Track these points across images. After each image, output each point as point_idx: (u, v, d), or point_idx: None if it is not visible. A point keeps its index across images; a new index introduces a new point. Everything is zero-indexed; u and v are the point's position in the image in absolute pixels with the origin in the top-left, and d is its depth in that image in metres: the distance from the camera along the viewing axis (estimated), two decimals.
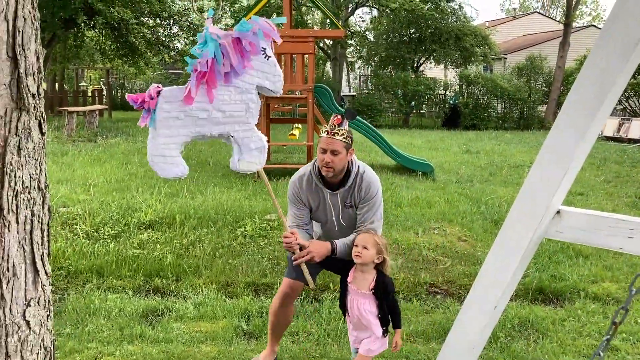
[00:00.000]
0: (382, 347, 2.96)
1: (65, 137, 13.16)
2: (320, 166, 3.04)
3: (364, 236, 2.89)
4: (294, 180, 3.20)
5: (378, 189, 3.16)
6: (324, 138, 3.00)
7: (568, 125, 1.53)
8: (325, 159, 2.98)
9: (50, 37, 17.59)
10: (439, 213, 6.88)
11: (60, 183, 7.70)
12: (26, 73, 1.26)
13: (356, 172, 3.13)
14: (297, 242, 3.00)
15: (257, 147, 2.51)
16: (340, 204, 3.15)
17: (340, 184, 3.12)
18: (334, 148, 2.98)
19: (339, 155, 2.99)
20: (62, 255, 5.14)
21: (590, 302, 4.59)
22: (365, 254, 2.83)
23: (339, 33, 11.05)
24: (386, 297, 2.88)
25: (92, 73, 33.82)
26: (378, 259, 2.87)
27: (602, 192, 8.67)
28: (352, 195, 3.13)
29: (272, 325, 3.45)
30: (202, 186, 7.89)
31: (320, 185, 3.13)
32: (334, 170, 3.02)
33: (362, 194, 3.11)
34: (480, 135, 17.19)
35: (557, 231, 1.64)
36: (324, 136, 3.00)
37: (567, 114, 1.54)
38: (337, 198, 3.14)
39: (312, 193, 3.16)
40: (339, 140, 2.98)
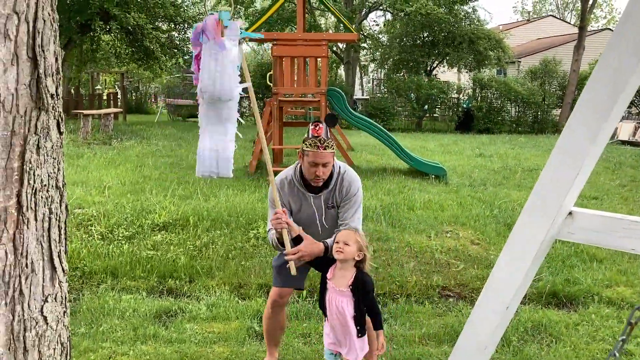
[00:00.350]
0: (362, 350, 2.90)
1: (81, 139, 13.30)
2: (311, 179, 3.02)
3: (346, 232, 2.87)
4: (275, 184, 3.10)
5: (358, 187, 3.15)
6: (314, 152, 2.93)
7: (580, 126, 1.53)
8: (318, 173, 2.96)
9: (66, 41, 17.80)
10: (451, 216, 6.86)
11: (76, 185, 7.79)
12: (45, 73, 1.29)
13: (337, 172, 3.12)
14: (286, 221, 2.90)
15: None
16: (323, 206, 3.13)
17: (323, 186, 3.10)
18: (325, 161, 2.96)
19: (328, 166, 3.00)
20: (77, 256, 5.20)
21: (605, 307, 4.56)
22: (347, 250, 2.80)
23: (352, 37, 11.07)
24: (364, 295, 2.82)
25: (107, 76, 34.16)
26: (359, 255, 2.83)
27: (616, 196, 8.59)
28: (334, 195, 3.12)
29: (267, 333, 3.47)
30: (216, 188, 7.94)
31: (303, 189, 3.11)
32: (323, 180, 3.03)
33: (343, 193, 3.11)
34: (494, 139, 17.11)
35: (569, 232, 1.64)
36: (313, 150, 2.93)
37: (579, 115, 1.54)
38: (320, 200, 3.12)
39: (293, 196, 3.13)
40: (328, 152, 2.97)
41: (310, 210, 3.14)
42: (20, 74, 1.23)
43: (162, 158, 10.90)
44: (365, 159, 11.67)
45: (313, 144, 2.94)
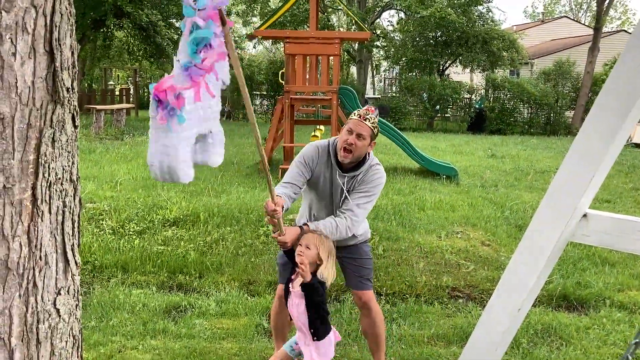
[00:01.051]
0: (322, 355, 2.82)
1: (93, 134, 13.39)
2: (341, 147, 2.98)
3: (308, 236, 2.82)
4: (314, 145, 3.13)
5: (381, 184, 3.11)
6: (353, 120, 2.97)
7: (597, 127, 1.52)
8: (350, 140, 2.93)
9: (80, 37, 17.92)
10: (462, 217, 6.83)
11: (88, 179, 7.84)
12: (62, 67, 1.29)
13: (370, 162, 3.10)
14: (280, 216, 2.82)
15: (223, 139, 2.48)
16: (343, 186, 3.08)
17: (352, 168, 3.07)
18: (361, 132, 2.93)
19: (363, 140, 2.95)
20: (88, 250, 5.23)
21: (616, 311, 4.52)
22: (307, 253, 2.74)
23: (365, 35, 11.05)
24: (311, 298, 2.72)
25: (120, 72, 34.33)
26: (320, 260, 2.76)
27: (630, 199, 8.52)
28: (355, 182, 3.07)
29: (275, 328, 3.49)
30: (227, 185, 7.96)
31: (333, 161, 3.08)
32: (352, 155, 2.98)
33: (365, 180, 3.07)
34: (506, 140, 17.02)
35: (583, 235, 1.63)
36: (354, 118, 2.97)
37: (596, 116, 1.53)
38: (344, 179, 3.07)
39: (323, 165, 3.10)
40: (368, 125, 2.96)
41: (328, 183, 3.10)
42: (37, 67, 1.24)
43: None
44: (376, 156, 11.63)
45: (357, 113, 3.00)
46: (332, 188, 3.10)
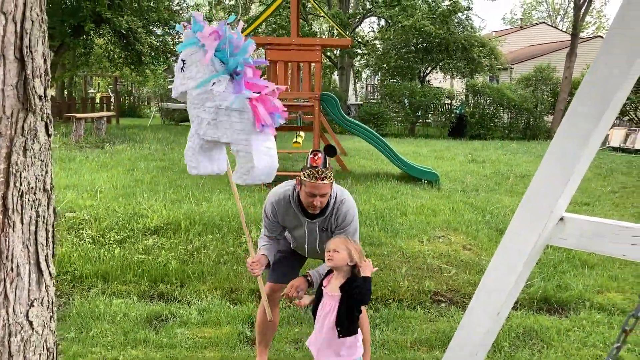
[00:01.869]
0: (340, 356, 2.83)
1: (73, 143, 13.24)
2: (308, 206, 3.02)
3: (335, 240, 2.85)
4: (272, 201, 3.15)
5: (355, 215, 3.16)
6: (312, 184, 2.91)
7: (572, 131, 1.54)
8: (315, 203, 2.96)
9: (59, 44, 17.74)
10: (444, 221, 6.86)
11: (67, 188, 7.74)
12: (33, 75, 1.27)
13: (334, 199, 3.10)
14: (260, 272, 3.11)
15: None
16: (317, 230, 3.15)
17: (319, 213, 3.09)
18: (323, 192, 2.95)
19: (326, 196, 2.99)
20: (68, 260, 5.16)
21: (596, 312, 4.56)
22: (337, 257, 2.78)
23: (346, 42, 11.09)
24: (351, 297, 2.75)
25: (100, 80, 34.06)
26: (351, 261, 2.80)
27: (608, 202, 8.63)
28: (329, 221, 3.12)
29: (259, 331, 3.47)
30: (208, 193, 7.91)
31: (299, 212, 3.11)
32: (320, 208, 3.03)
33: (339, 221, 3.10)
34: (486, 145, 17.17)
35: (560, 238, 1.64)
36: (311, 182, 2.91)
37: (570, 121, 1.55)
38: (315, 225, 3.14)
39: (289, 216, 3.15)
40: (327, 183, 2.95)
41: (302, 232, 3.18)
42: (7, 74, 1.22)
43: (154, 162, 10.86)
44: (358, 163, 11.67)
45: (312, 175, 2.91)
46: (309, 235, 3.19)
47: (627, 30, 1.42)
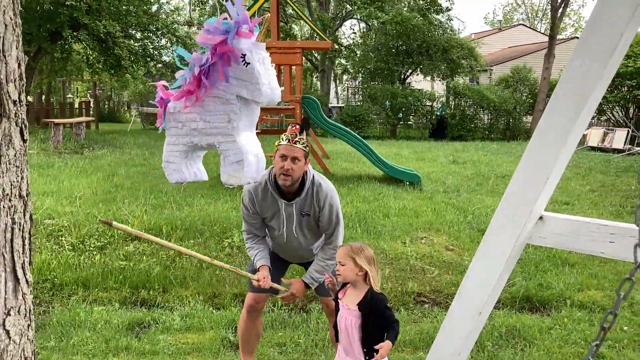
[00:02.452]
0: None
1: (52, 149, 13.07)
2: (278, 174, 3.01)
3: (339, 252, 2.80)
4: (249, 189, 3.14)
5: (333, 197, 3.16)
6: (284, 145, 2.98)
7: (549, 130, 1.55)
8: (286, 166, 2.96)
9: (36, 49, 17.51)
10: (426, 222, 6.90)
11: (46, 195, 7.63)
12: (7, 79, 1.25)
13: (311, 180, 3.13)
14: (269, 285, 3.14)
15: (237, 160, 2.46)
16: (296, 214, 3.14)
17: (296, 193, 3.10)
18: (294, 155, 2.97)
19: (298, 163, 2.99)
20: (47, 268, 5.08)
21: (577, 310, 4.62)
22: (343, 270, 2.71)
23: (326, 45, 11.11)
24: (375, 315, 2.63)
25: (79, 85, 33.69)
26: (360, 272, 2.70)
27: (587, 201, 8.75)
28: (308, 204, 3.13)
29: (243, 340, 3.41)
30: (189, 197, 7.85)
31: (276, 195, 3.11)
32: (292, 178, 3.01)
33: (320, 204, 3.11)
34: (467, 146, 17.30)
35: (540, 237, 1.65)
36: (284, 144, 2.99)
37: (548, 120, 1.56)
38: (292, 208, 3.13)
39: (266, 203, 3.14)
40: (300, 147, 2.99)
41: (280, 222, 3.16)
42: None
43: (135, 167, 10.76)
44: (340, 166, 11.68)
45: (285, 138, 3.01)
46: (286, 221, 3.16)
47: (602, 30, 1.44)
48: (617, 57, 1.45)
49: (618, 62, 1.49)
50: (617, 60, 1.47)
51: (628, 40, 1.45)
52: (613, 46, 1.42)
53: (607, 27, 1.43)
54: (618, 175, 11.39)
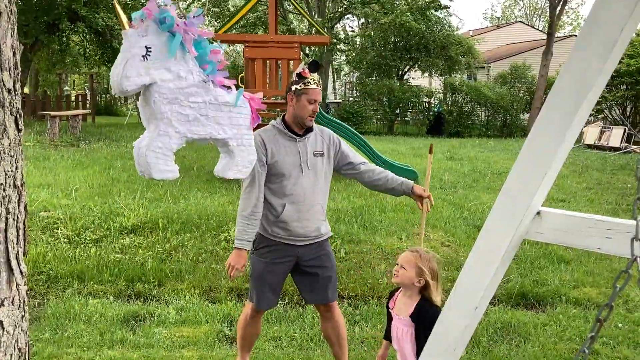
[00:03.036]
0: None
1: (48, 141, 13.02)
2: (306, 117, 3.06)
3: (406, 255, 2.64)
4: (258, 133, 3.08)
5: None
6: (313, 90, 3.05)
7: (548, 126, 1.55)
8: (315, 109, 3.06)
9: (33, 41, 17.42)
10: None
11: (42, 187, 7.61)
12: (2, 67, 1.24)
13: None
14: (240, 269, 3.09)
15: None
16: (309, 152, 3.13)
17: (306, 130, 3.15)
18: (320, 98, 3.13)
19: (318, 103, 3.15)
20: (43, 260, 5.07)
21: (572, 307, 4.63)
22: (402, 275, 2.58)
23: (324, 39, 11.07)
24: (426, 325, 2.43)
25: (75, 78, 33.55)
26: (419, 282, 2.57)
27: (583, 198, 8.76)
28: (320, 142, 3.18)
29: (242, 339, 3.35)
30: (186, 191, 7.84)
31: (290, 133, 3.11)
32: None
33: (329, 140, 3.21)
34: (464, 143, 17.31)
35: (537, 232, 1.65)
36: (312, 88, 3.05)
37: (546, 116, 1.56)
38: (305, 144, 3.13)
39: (277, 144, 3.09)
40: (321, 89, 3.18)
41: (294, 154, 3.10)
42: None
43: (131, 160, 10.64)
44: None
45: (309, 82, 3.05)
46: (302, 157, 3.10)
47: (602, 25, 1.43)
48: (617, 52, 1.45)
49: (618, 57, 1.48)
50: (617, 56, 1.46)
51: (628, 36, 1.44)
52: (613, 41, 1.41)
53: (607, 21, 1.42)
54: (614, 173, 11.42)
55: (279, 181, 3.08)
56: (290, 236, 3.10)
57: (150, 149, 2.28)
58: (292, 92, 3.06)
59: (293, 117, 3.10)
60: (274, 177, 3.08)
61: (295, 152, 3.09)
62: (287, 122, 3.12)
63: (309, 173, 3.11)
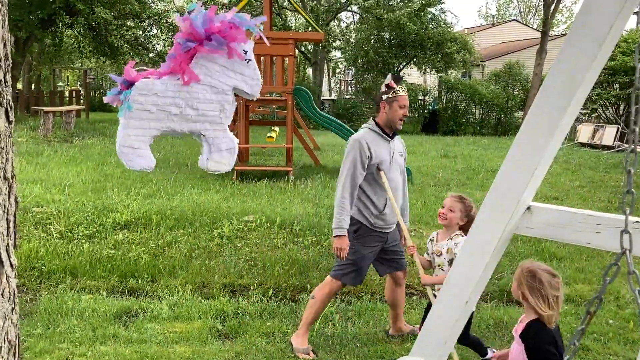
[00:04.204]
0: None
1: (41, 137, 12.97)
2: (398, 121, 3.68)
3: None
4: (360, 137, 3.65)
5: None
6: (403, 96, 3.67)
7: (538, 123, 1.56)
8: (404, 113, 3.69)
9: (27, 36, 17.32)
10: (415, 216, 6.91)
11: (35, 183, 7.58)
12: None
13: None
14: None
15: (227, 148, 2.46)
16: (395, 151, 3.76)
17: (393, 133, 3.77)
18: (407, 103, 3.75)
19: None
20: (35, 256, 5.05)
21: (564, 304, 4.64)
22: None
23: (319, 36, 11.07)
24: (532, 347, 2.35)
25: (69, 74, 33.41)
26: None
27: (576, 196, 8.80)
28: (399, 144, 3.84)
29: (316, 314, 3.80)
30: (180, 187, 7.83)
31: (385, 135, 3.70)
32: None
33: (404, 146, 3.95)
34: (458, 141, 17.34)
35: (527, 227, 1.66)
36: (402, 94, 3.67)
37: (536, 112, 1.57)
38: (393, 145, 3.75)
39: (378, 145, 3.66)
40: None
41: (387, 153, 3.70)
42: None
43: None
44: (332, 158, 11.68)
45: (400, 89, 3.67)
46: (391, 155, 3.73)
47: (591, 22, 1.44)
48: (606, 49, 1.46)
49: (607, 54, 1.49)
50: (607, 52, 1.47)
51: (617, 33, 1.45)
52: (602, 38, 1.42)
53: (596, 19, 1.43)
54: (607, 172, 11.47)
55: (378, 177, 3.66)
56: (386, 225, 3.78)
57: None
58: (384, 101, 3.68)
59: (386, 121, 3.70)
60: (373, 174, 3.66)
61: (388, 151, 3.70)
62: (381, 126, 3.71)
63: (395, 169, 3.75)
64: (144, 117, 2.30)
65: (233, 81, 2.43)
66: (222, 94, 2.43)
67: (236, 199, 7.32)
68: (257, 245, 5.59)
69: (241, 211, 6.56)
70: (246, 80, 2.44)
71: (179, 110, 2.35)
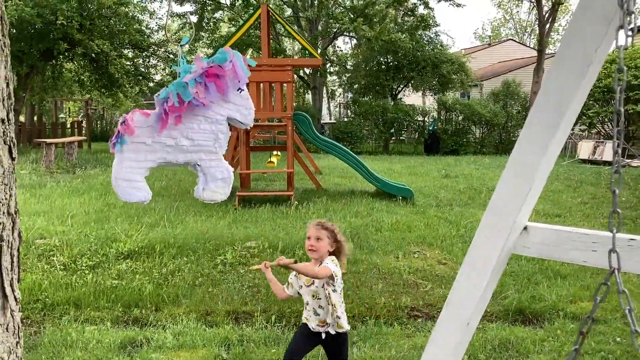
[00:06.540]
0: None
1: (43, 169, 13.04)
2: None
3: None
4: None
5: None
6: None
7: (530, 142, 1.58)
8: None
9: (29, 70, 17.55)
10: (419, 237, 6.91)
11: (38, 215, 7.61)
12: None
13: None
14: None
15: (222, 177, 2.50)
16: None
17: None
18: None
19: None
20: (39, 288, 5.05)
21: (569, 322, 4.62)
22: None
23: (317, 62, 11.20)
24: None
25: (70, 105, 33.70)
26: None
27: (579, 213, 8.79)
28: None
29: None
30: (182, 215, 7.85)
31: None
32: None
33: None
34: (459, 160, 17.39)
35: (524, 247, 1.68)
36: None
37: (528, 131, 1.60)
38: None
39: None
40: None
41: None
42: None
43: None
44: (333, 182, 11.71)
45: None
46: None
47: (577, 44, 1.47)
48: (594, 69, 1.49)
49: (595, 74, 1.52)
50: (594, 73, 1.51)
51: (604, 54, 1.48)
52: (589, 59, 1.46)
53: (582, 41, 1.47)
54: (609, 188, 11.44)
55: None
56: None
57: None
58: None
59: None
60: None
61: None
62: None
63: None
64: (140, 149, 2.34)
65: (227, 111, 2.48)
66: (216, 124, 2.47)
67: (239, 225, 7.33)
68: (260, 271, 5.58)
69: (244, 237, 6.57)
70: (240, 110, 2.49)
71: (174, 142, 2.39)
